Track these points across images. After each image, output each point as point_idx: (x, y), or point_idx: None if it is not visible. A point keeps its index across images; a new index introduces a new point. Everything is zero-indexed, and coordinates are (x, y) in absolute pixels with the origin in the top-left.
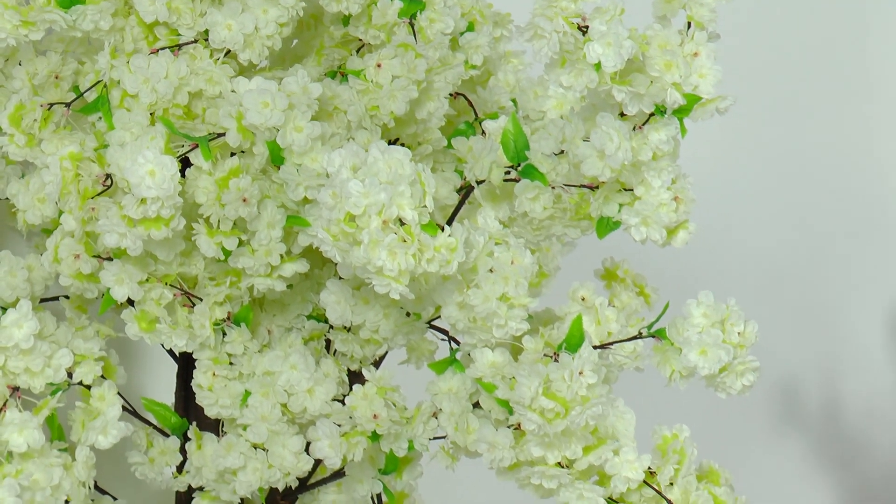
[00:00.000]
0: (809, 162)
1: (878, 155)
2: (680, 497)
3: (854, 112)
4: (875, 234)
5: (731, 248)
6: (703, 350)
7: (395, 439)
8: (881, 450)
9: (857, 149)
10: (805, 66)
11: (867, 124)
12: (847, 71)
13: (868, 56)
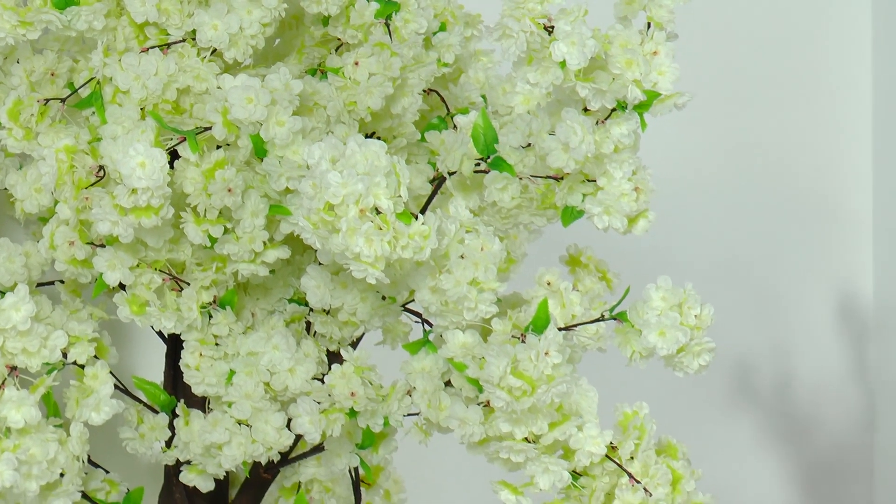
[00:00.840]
0: (762, 155)
1: (828, 149)
2: (640, 470)
3: (804, 109)
4: (824, 223)
5: (688, 236)
6: (662, 332)
7: (371, 416)
8: (829, 425)
9: (807, 143)
10: (759, 67)
11: (817, 120)
12: (798, 70)
13: (817, 56)
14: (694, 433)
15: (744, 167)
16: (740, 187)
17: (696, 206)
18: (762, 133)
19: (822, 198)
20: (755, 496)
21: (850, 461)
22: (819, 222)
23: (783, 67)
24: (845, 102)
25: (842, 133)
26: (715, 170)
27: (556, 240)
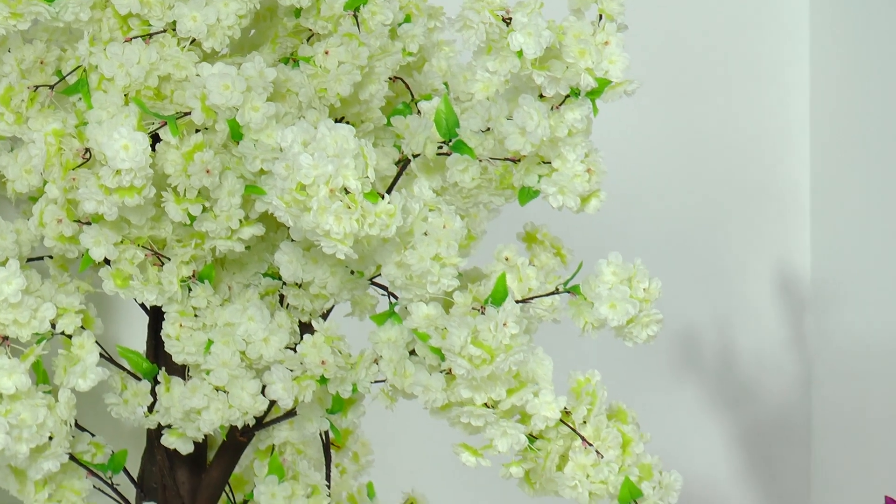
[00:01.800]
0: (706, 139)
1: (767, 132)
2: (592, 433)
3: (745, 94)
4: (764, 201)
5: (637, 214)
6: (613, 304)
7: (340, 383)
8: (769, 393)
9: (748, 127)
10: (702, 55)
11: (757, 105)
12: (739, 57)
13: (757, 43)
14: (643, 399)
15: (689, 150)
16: (686, 169)
17: (645, 186)
18: (705, 118)
19: (762, 178)
20: (700, 458)
21: (788, 425)
22: (759, 201)
23: (725, 55)
24: (784, 87)
25: (781, 117)
26: (662, 153)
27: (513, 218)
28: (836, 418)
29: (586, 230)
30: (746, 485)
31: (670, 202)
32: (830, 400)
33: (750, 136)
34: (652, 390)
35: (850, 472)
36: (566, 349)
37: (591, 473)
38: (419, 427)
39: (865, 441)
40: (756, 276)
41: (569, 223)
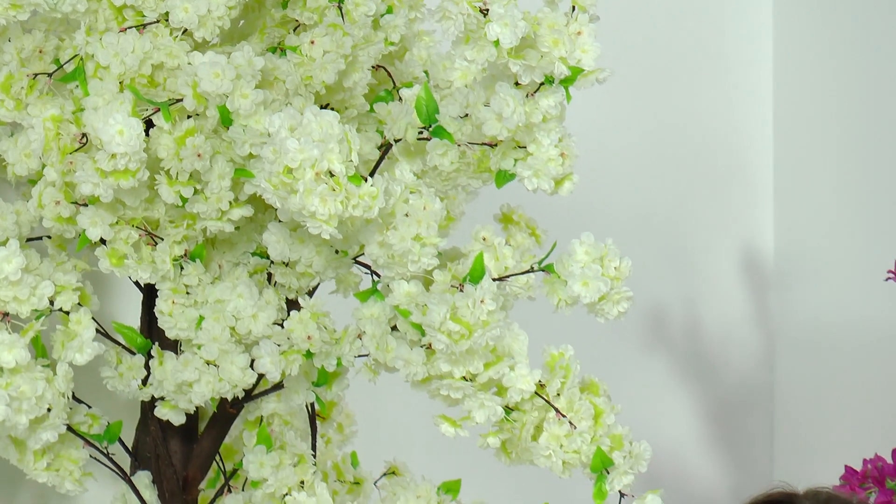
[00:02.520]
0: (674, 124)
1: (732, 118)
2: (565, 405)
3: (711, 81)
4: (729, 184)
5: (608, 196)
6: (585, 282)
7: (325, 357)
8: (734, 365)
9: (713, 113)
10: (670, 44)
11: (722, 92)
12: (704, 45)
13: (722, 32)
14: (613, 373)
15: (657, 135)
16: (654, 154)
17: (616, 170)
18: (674, 105)
19: (727, 161)
20: (668, 428)
21: (752, 397)
22: (725, 183)
23: (691, 44)
24: (749, 77)
25: (745, 105)
26: (632, 137)
27: (490, 200)
28: (798, 390)
29: (560, 211)
30: (713, 454)
31: (640, 185)
32: (792, 373)
33: (716, 122)
34: (622, 364)
35: (811, 441)
36: (541, 325)
37: (565, 443)
38: (401, 399)
39: (826, 411)
40: (722, 255)
41: (543, 205)
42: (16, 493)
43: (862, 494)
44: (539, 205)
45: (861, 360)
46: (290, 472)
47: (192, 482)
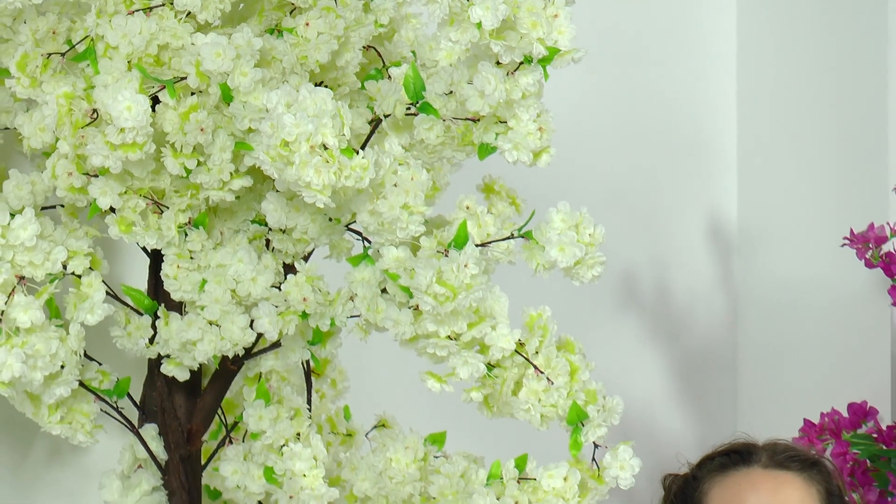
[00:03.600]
0: (643, 100)
1: (698, 93)
2: (543, 363)
3: (677, 60)
4: (696, 156)
5: (583, 167)
6: (562, 248)
7: (320, 317)
8: (701, 325)
9: (681, 89)
10: (639, 26)
11: (689, 69)
12: (671, 26)
13: (690, 13)
14: (588, 332)
15: (628, 111)
16: (626, 128)
17: (590, 143)
18: (643, 82)
19: (693, 134)
20: (639, 384)
21: (717, 355)
22: (692, 155)
23: (660, 26)
24: (713, 54)
25: (710, 80)
26: (605, 113)
27: (473, 171)
28: (759, 348)
29: (538, 182)
30: (680, 407)
31: (612, 157)
32: (754, 332)
33: (683, 98)
34: (596, 324)
35: (771, 395)
36: (520, 288)
37: (543, 398)
38: (390, 357)
39: (786, 368)
40: (688, 222)
41: (523, 176)
42: (31, 445)
43: (819, 446)
44: (519, 176)
45: (818, 321)
46: (286, 424)
47: (196, 434)
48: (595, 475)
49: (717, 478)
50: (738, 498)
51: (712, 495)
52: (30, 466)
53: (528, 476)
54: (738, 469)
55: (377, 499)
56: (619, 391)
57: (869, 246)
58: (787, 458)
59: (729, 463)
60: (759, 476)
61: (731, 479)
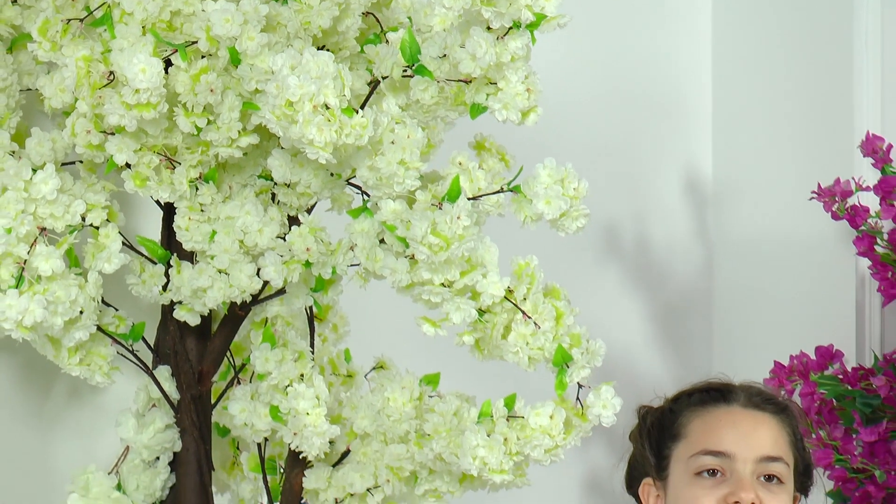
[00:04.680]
0: (624, 62)
1: (676, 56)
2: (531, 308)
3: (658, 25)
4: (673, 114)
5: (568, 126)
6: (548, 201)
7: (322, 266)
8: (678, 275)
9: (659, 52)
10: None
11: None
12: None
13: None
14: (572, 280)
15: (610, 73)
16: (607, 88)
17: (574, 103)
18: (625, 46)
19: (671, 95)
20: (620, 329)
21: (693, 301)
22: (669, 115)
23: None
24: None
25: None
26: (588, 75)
27: (465, 129)
28: (733, 295)
29: (526, 139)
30: (659, 351)
31: (595, 117)
32: (728, 280)
33: (661, 60)
34: (580, 273)
35: (744, 339)
36: (509, 238)
37: (530, 341)
38: (388, 303)
39: (757, 314)
40: (666, 178)
41: (512, 133)
42: (52, 385)
43: (788, 386)
44: (508, 134)
45: (788, 269)
46: (291, 366)
47: (206, 375)
48: (579, 413)
49: (698, 411)
50: (718, 431)
51: (692, 427)
52: (51, 405)
53: (517, 414)
54: (718, 405)
55: (375, 435)
56: (602, 335)
57: (835, 199)
58: (762, 400)
59: (709, 399)
60: (738, 414)
61: (711, 414)
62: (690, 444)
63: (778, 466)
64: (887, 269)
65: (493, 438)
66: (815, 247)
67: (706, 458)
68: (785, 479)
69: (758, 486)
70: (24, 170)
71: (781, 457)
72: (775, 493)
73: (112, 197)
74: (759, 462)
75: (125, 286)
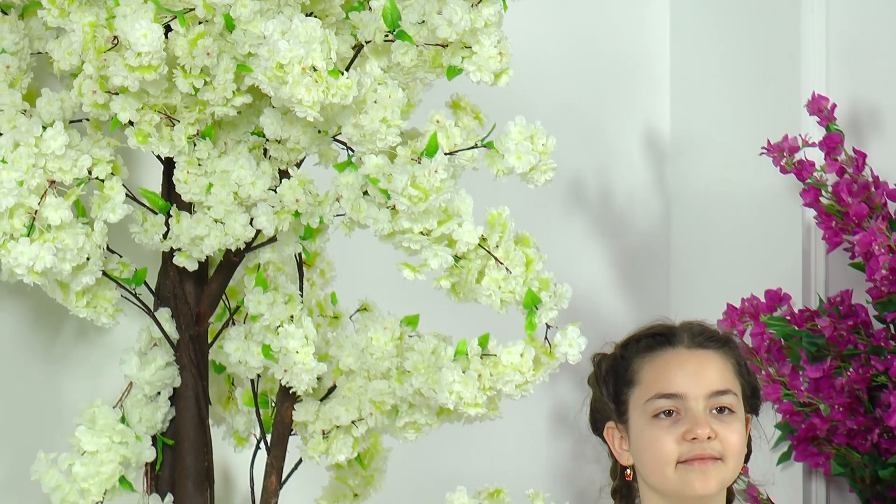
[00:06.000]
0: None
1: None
2: (503, 255)
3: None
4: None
5: (537, 87)
6: (519, 156)
7: (310, 216)
8: (638, 224)
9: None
10: None
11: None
12: None
13: None
14: (541, 229)
15: (575, 37)
16: (573, 51)
17: (543, 66)
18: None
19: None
20: (585, 274)
21: (652, 249)
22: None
23: None
24: None
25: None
26: (555, 40)
27: (442, 90)
28: (689, 243)
29: (498, 99)
30: (621, 294)
31: (562, 78)
32: (685, 229)
33: (622, 26)
34: (548, 222)
35: (699, 284)
36: (483, 190)
37: (502, 285)
38: (371, 250)
39: (712, 260)
40: (627, 134)
41: (485, 94)
42: (61, 326)
43: (740, 327)
44: (482, 94)
45: (739, 219)
46: (281, 308)
47: (203, 317)
48: (547, 352)
49: (647, 357)
50: (667, 374)
51: (643, 374)
52: (60, 345)
53: (490, 353)
54: (665, 349)
55: (359, 372)
56: (568, 279)
57: (783, 155)
58: (705, 338)
59: (655, 344)
60: (684, 355)
61: (659, 358)
62: (644, 390)
63: (727, 398)
64: (831, 218)
65: (468, 375)
66: (764, 198)
67: (660, 401)
68: (735, 409)
69: (711, 420)
70: (34, 127)
71: (729, 389)
72: (728, 423)
73: (116, 152)
74: (710, 397)
75: (128, 235)
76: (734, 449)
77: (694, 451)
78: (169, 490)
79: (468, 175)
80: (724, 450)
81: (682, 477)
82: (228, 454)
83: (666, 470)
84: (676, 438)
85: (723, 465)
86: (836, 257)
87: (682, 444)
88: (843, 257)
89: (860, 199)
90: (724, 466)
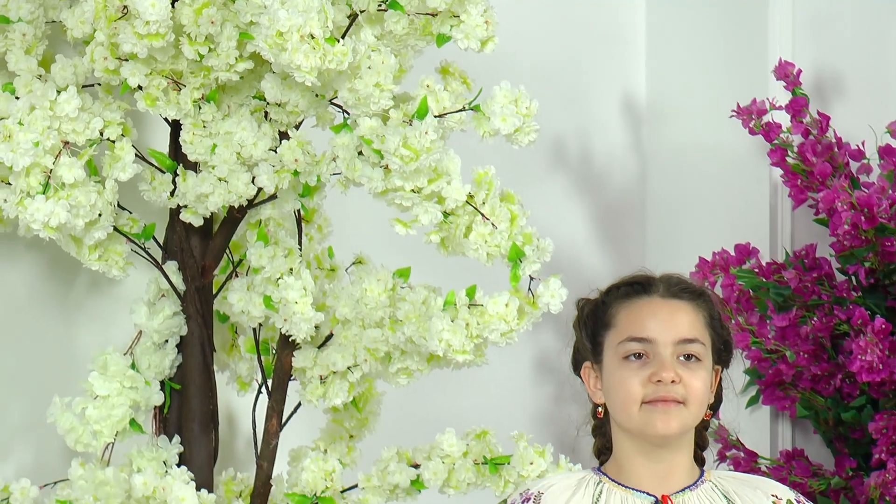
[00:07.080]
0: None
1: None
2: (489, 211)
3: None
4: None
5: (521, 53)
6: (504, 118)
7: (308, 175)
8: (616, 183)
9: None
10: None
11: None
12: None
13: None
14: (525, 188)
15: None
16: (553, 20)
17: (526, 33)
18: None
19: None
20: (566, 229)
21: (630, 206)
22: (608, 43)
23: None
24: None
25: None
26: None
27: (432, 56)
28: (664, 201)
29: (485, 65)
30: (600, 248)
31: (545, 44)
32: (660, 187)
33: None
34: (532, 181)
35: (673, 238)
36: (470, 151)
37: (489, 240)
38: (365, 207)
39: (685, 217)
40: (606, 97)
41: (473, 60)
42: (75, 278)
43: (711, 278)
44: (469, 60)
45: (713, 178)
46: (281, 261)
47: (208, 269)
48: (531, 302)
49: (624, 303)
50: (640, 320)
51: (619, 318)
52: (74, 296)
53: (477, 303)
54: (641, 297)
55: (355, 321)
56: (550, 234)
57: (752, 117)
58: (679, 289)
59: (632, 292)
60: (658, 303)
61: (635, 304)
62: (618, 332)
63: (694, 347)
64: (796, 177)
65: (457, 323)
66: (734, 158)
67: (631, 343)
68: (702, 357)
69: (677, 365)
70: (49, 91)
71: (697, 338)
72: (693, 370)
73: (126, 115)
74: (678, 344)
75: (138, 192)
76: (696, 394)
77: (658, 392)
78: (176, 431)
79: (456, 136)
80: (686, 394)
81: (645, 416)
82: (232, 398)
83: (631, 409)
84: (643, 380)
85: (685, 409)
86: (802, 213)
87: (647, 385)
88: (807, 213)
89: (824, 159)
90: (685, 410)
